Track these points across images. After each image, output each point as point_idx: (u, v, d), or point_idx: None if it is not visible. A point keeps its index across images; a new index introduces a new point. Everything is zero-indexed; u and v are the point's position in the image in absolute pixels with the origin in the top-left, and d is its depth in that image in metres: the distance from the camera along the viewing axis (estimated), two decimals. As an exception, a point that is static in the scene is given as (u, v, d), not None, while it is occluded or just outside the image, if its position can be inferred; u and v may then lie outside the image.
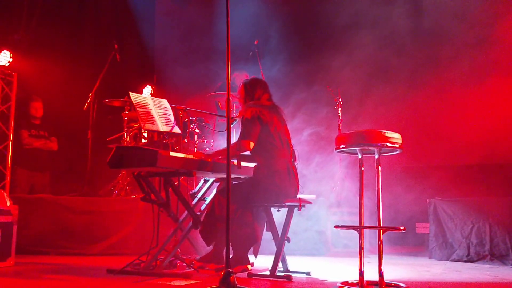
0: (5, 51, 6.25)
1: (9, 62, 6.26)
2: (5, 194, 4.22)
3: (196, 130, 5.58)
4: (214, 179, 4.21)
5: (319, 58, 6.66)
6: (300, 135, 5.68)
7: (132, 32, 8.14)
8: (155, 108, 3.97)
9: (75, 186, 7.20)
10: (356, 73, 6.44)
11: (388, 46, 6.56)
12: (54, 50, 7.31)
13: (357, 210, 3.28)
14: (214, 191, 4.08)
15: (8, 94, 6.27)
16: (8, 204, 4.16)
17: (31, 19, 7.39)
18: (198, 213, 3.93)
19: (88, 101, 6.46)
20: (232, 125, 4.27)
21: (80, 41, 7.89)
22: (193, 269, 3.78)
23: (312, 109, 6.24)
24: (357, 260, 3.12)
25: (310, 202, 3.83)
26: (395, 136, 3.20)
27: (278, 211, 3.90)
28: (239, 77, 6.52)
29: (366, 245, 3.32)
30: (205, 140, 5.82)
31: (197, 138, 5.59)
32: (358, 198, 3.27)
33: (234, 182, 3.90)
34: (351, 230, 3.41)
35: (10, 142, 6.15)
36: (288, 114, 4.21)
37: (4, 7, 7.25)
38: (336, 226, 3.40)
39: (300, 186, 3.91)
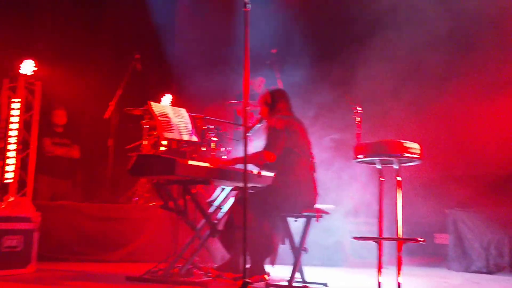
0: (29, 60, 6.40)
1: (33, 71, 6.40)
2: (27, 201, 4.30)
3: (214, 138, 5.62)
4: (232, 187, 4.23)
5: (338, 66, 6.65)
6: (318, 144, 5.67)
7: (152, 41, 8.25)
8: (174, 117, 4.03)
9: (96, 193, 7.31)
10: (376, 82, 6.41)
11: (409, 56, 6.51)
12: (77, 59, 7.46)
13: (375, 220, 3.26)
14: (232, 200, 4.10)
15: (31, 102, 6.41)
16: (31, 211, 4.23)
17: (54, 28, 7.57)
18: (215, 222, 3.95)
19: (110, 109, 6.55)
20: (249, 134, 4.29)
21: (101, 50, 8.03)
22: (210, 278, 3.79)
23: (330, 117, 6.22)
24: (375, 271, 3.09)
25: (328, 213, 3.81)
26: (415, 146, 3.19)
27: (295, 221, 3.89)
28: (254, 83, 6.56)
29: (384, 256, 3.29)
30: (223, 148, 5.85)
31: (214, 146, 5.62)
32: (376, 208, 3.25)
33: (251, 191, 3.91)
34: (369, 241, 3.39)
35: (33, 150, 6.27)
36: (306, 121, 4.21)
37: (28, 17, 7.44)
38: (354, 238, 3.38)
39: (318, 195, 3.90)
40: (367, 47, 6.44)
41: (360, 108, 5.85)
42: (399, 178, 3.25)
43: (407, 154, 3.14)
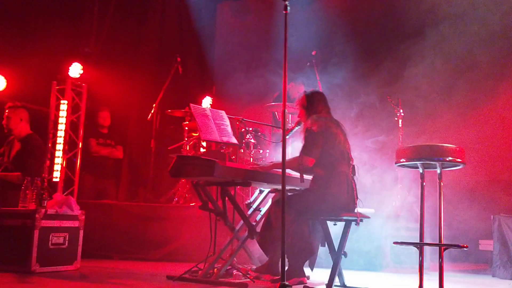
0: (76, 63, 6.64)
1: (79, 74, 6.63)
2: (73, 199, 4.45)
3: (252, 141, 5.66)
4: (269, 189, 4.24)
5: (380, 67, 6.55)
6: (359, 146, 5.60)
7: (194, 44, 8.39)
8: (214, 119, 4.08)
9: (138, 193, 7.50)
10: (419, 84, 6.27)
11: (453, 58, 6.33)
12: (121, 63, 7.68)
13: (416, 225, 3.19)
14: (270, 202, 4.11)
15: (78, 104, 6.64)
16: (76, 209, 4.37)
17: (100, 33, 7.82)
18: (254, 223, 3.97)
19: (152, 111, 6.70)
20: (287, 136, 4.29)
21: (145, 54, 8.24)
22: (249, 279, 3.82)
23: (372, 119, 6.13)
24: (416, 277, 3.03)
25: (368, 217, 3.75)
26: (458, 150, 3.10)
27: (334, 224, 3.86)
28: (294, 88, 6.54)
29: (426, 262, 3.22)
30: (261, 151, 5.88)
31: (253, 148, 5.66)
32: (417, 212, 3.18)
33: (289, 194, 3.91)
34: (410, 246, 3.32)
35: (79, 150, 6.50)
36: (348, 124, 4.17)
37: (76, 22, 7.72)
38: (395, 243, 3.32)
39: (358, 199, 3.85)
40: (412, 48, 6.31)
41: (402, 110, 5.74)
42: (441, 182, 3.16)
43: (449, 158, 3.07)
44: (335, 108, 4.22)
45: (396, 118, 5.78)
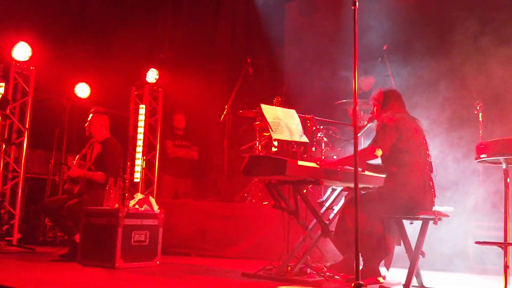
0: (152, 69, 6.95)
1: (155, 79, 6.93)
2: (152, 199, 4.66)
3: (324, 139, 5.62)
4: (342, 188, 4.19)
5: (455, 59, 6.24)
6: (437, 141, 5.38)
7: (263, 45, 8.48)
8: (284, 118, 4.11)
9: (213, 192, 7.71)
10: (499, 74, 5.90)
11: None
12: (194, 67, 7.94)
13: (500, 224, 3.03)
14: (343, 200, 4.07)
15: (155, 108, 6.95)
16: (156, 208, 4.58)
17: (174, 39, 8.13)
18: (327, 222, 3.95)
19: (224, 112, 6.85)
20: (359, 134, 4.22)
21: (216, 58, 8.45)
22: (323, 278, 3.81)
23: (449, 112, 5.86)
24: (501, 279, 2.87)
25: (447, 215, 3.61)
26: (545, 144, 2.91)
27: (411, 223, 3.74)
28: (364, 82, 6.42)
29: (511, 263, 3.04)
30: (333, 148, 5.82)
31: (324, 147, 5.62)
32: (501, 210, 3.02)
33: (362, 192, 3.85)
34: (494, 247, 3.15)
35: (157, 152, 6.80)
36: (422, 118, 4.02)
37: (150, 30, 8.09)
38: (477, 242, 3.18)
39: (437, 197, 3.71)
40: (489, 36, 5.95)
41: (481, 104, 5.45)
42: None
43: (536, 153, 2.88)
44: (412, 104, 4.08)
45: (475, 112, 5.49)
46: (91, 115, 5.09)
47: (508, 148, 2.97)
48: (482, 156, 3.08)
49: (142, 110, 6.80)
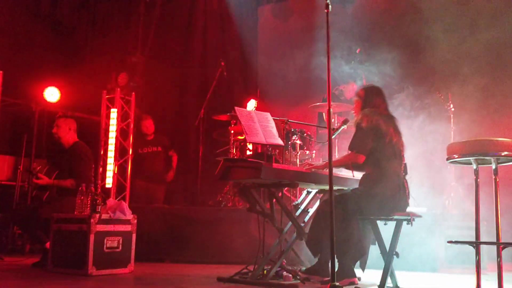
0: (124, 73, 6.85)
1: (127, 83, 6.83)
2: (125, 204, 4.57)
3: (298, 142, 5.63)
4: (317, 190, 4.20)
5: (428, 62, 6.36)
6: (409, 142, 5.45)
7: (237, 48, 8.47)
8: (259, 121, 4.09)
9: (187, 196, 7.63)
10: (469, 77, 6.04)
11: (506, 48, 6.06)
12: (167, 70, 7.87)
13: (472, 223, 3.07)
14: (318, 202, 4.07)
15: (127, 112, 6.84)
16: (128, 214, 4.50)
17: (146, 43, 8.05)
18: (302, 225, 3.94)
19: (199, 116, 6.80)
20: (333, 136, 4.24)
21: (190, 61, 8.39)
22: (298, 281, 3.80)
23: (422, 115, 5.96)
24: (473, 277, 2.91)
25: (420, 216, 3.65)
26: (514, 144, 2.97)
27: (385, 224, 3.78)
28: (346, 88, 6.43)
29: (483, 262, 3.09)
30: (307, 151, 5.84)
31: (299, 149, 5.63)
32: (472, 210, 3.06)
33: (336, 194, 3.86)
34: (466, 246, 3.20)
35: (130, 157, 6.68)
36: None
37: (122, 34, 7.98)
38: (450, 241, 3.21)
39: (411, 198, 3.75)
40: (458, 39, 6.10)
41: (453, 106, 5.56)
42: (497, 178, 3.03)
43: (505, 153, 2.93)
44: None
45: (447, 114, 5.59)
46: (57, 119, 5.00)
47: (478, 149, 3.02)
48: (453, 156, 3.13)
49: (113, 114, 6.67)
